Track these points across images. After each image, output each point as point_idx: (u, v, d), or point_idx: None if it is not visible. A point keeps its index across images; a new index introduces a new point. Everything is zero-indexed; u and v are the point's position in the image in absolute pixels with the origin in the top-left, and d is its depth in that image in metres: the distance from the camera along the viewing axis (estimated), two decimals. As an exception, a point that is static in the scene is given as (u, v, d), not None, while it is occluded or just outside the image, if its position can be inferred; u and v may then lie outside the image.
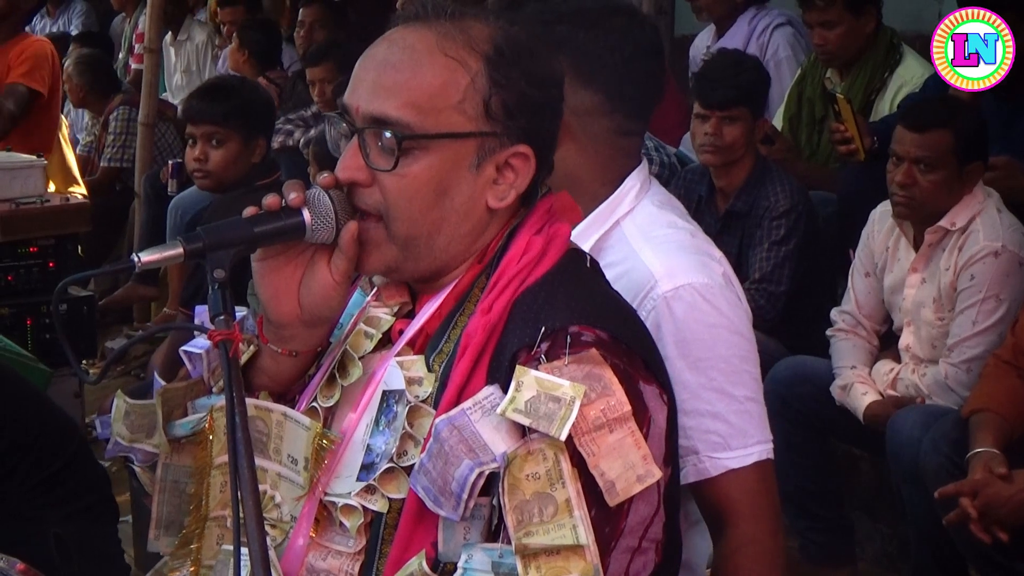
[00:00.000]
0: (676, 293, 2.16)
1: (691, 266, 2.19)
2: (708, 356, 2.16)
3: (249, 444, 1.65)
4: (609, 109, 2.26)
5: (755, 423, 2.19)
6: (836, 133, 4.96)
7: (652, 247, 2.22)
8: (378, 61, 1.83)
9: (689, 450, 2.15)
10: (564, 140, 2.21)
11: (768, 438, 2.20)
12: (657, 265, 2.19)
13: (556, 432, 1.65)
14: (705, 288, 2.17)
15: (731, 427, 2.15)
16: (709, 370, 2.15)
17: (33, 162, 5.17)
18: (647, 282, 2.18)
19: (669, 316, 2.15)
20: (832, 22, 5.25)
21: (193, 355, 1.99)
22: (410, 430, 1.80)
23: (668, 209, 2.32)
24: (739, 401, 2.17)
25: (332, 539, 1.85)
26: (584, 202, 2.26)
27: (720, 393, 2.16)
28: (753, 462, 2.16)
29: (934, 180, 4.09)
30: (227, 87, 4.86)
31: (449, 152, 1.81)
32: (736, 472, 2.15)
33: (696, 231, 2.32)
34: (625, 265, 2.21)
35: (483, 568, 1.68)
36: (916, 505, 3.94)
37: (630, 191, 2.29)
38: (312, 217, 1.80)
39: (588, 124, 2.25)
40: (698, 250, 2.25)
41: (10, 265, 4.93)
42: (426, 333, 1.87)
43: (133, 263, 1.73)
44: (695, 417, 2.14)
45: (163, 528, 2.00)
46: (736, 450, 2.15)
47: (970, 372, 4.02)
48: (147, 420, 1.98)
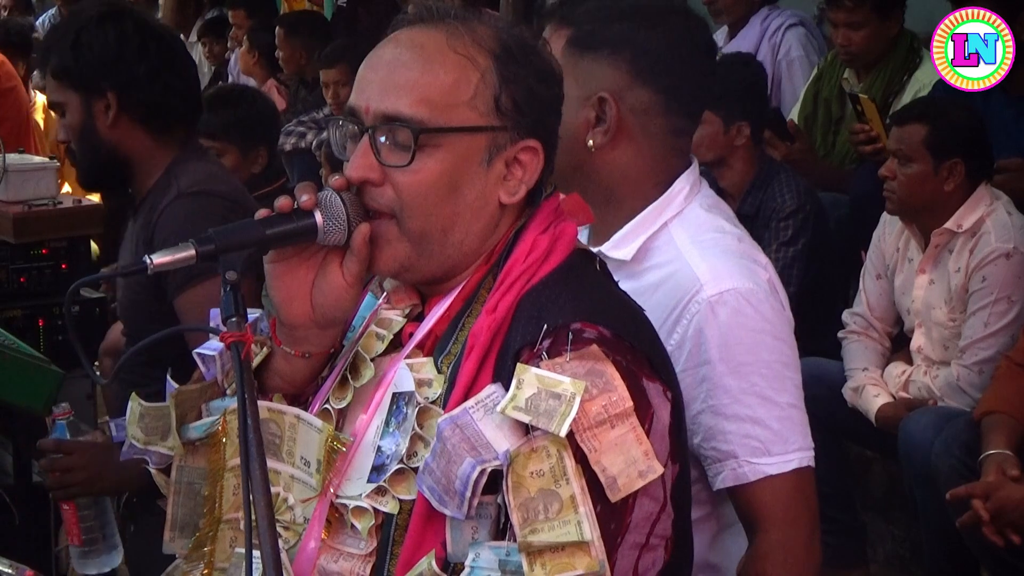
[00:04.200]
0: (721, 298, 2.16)
1: (737, 271, 2.19)
2: (751, 361, 2.16)
3: (261, 446, 1.66)
4: (666, 108, 2.25)
5: (796, 429, 2.18)
6: (860, 133, 4.95)
7: (699, 251, 2.22)
8: (387, 61, 1.84)
9: (728, 454, 2.15)
10: (620, 140, 2.24)
11: (809, 445, 2.20)
12: (703, 269, 2.19)
13: (556, 429, 1.65)
14: (750, 293, 2.17)
15: (772, 433, 2.15)
16: (751, 375, 2.15)
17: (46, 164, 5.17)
18: (692, 286, 2.18)
19: (713, 320, 2.15)
20: (858, 23, 5.24)
21: (207, 357, 1.99)
22: (420, 431, 1.81)
23: (716, 213, 2.32)
24: (781, 407, 2.17)
25: (343, 541, 1.85)
26: (634, 202, 2.27)
27: (762, 398, 2.16)
28: (792, 469, 2.15)
29: (908, 173, 4.12)
30: (223, 99, 4.84)
31: (461, 147, 1.82)
32: (774, 478, 2.14)
33: (743, 236, 2.32)
34: (671, 268, 2.22)
35: (490, 566, 1.68)
36: (928, 507, 3.94)
37: (680, 193, 2.28)
38: (324, 219, 1.80)
39: (646, 123, 2.25)
40: (744, 255, 2.25)
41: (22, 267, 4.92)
42: (435, 335, 1.87)
43: (145, 265, 1.73)
44: (736, 422, 2.14)
45: (178, 530, 2.00)
46: (776, 456, 2.15)
47: (982, 374, 4.02)
48: (161, 422, 1.98)
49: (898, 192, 4.16)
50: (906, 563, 4.58)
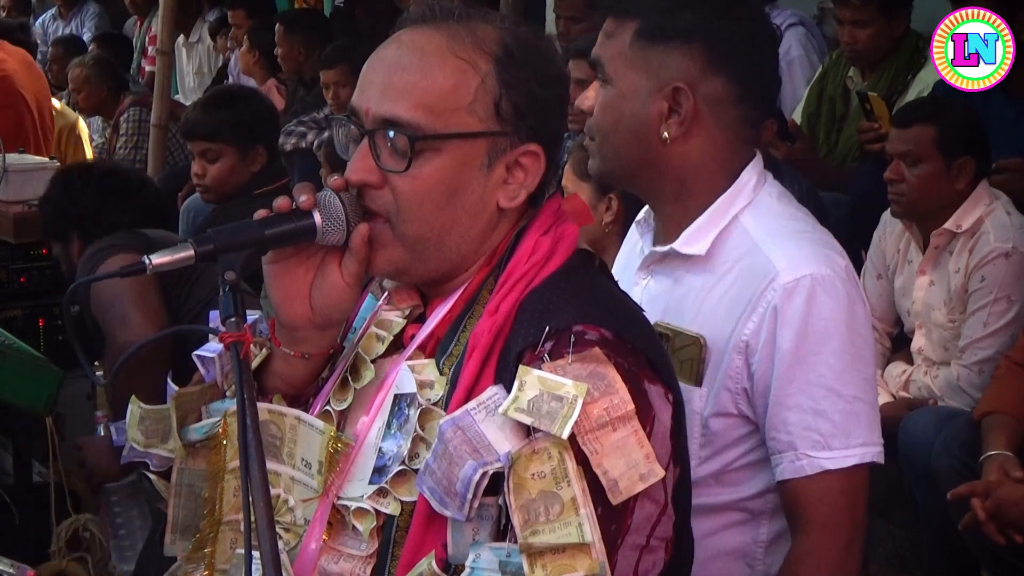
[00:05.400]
0: (797, 284, 2.13)
1: (814, 258, 2.17)
2: (819, 351, 2.13)
3: (260, 448, 1.65)
4: (739, 97, 2.23)
5: (861, 424, 2.15)
6: (868, 132, 4.94)
7: (773, 239, 2.20)
8: (387, 63, 1.84)
9: (788, 445, 2.13)
10: (694, 131, 2.21)
11: (875, 441, 2.17)
12: (779, 256, 2.17)
13: (558, 431, 1.65)
14: (827, 280, 2.15)
15: (834, 426, 2.12)
16: (818, 365, 2.13)
17: (46, 164, 5.18)
18: (769, 273, 2.15)
19: (788, 306, 2.13)
20: (864, 21, 5.23)
21: (206, 359, 1.99)
22: (422, 433, 1.81)
23: (787, 201, 2.30)
24: (846, 400, 2.14)
25: (344, 542, 1.85)
26: (705, 196, 2.24)
27: (827, 390, 2.13)
28: (852, 464, 2.13)
29: (919, 174, 4.11)
30: (219, 101, 4.85)
31: (460, 153, 1.81)
32: (829, 475, 2.12)
33: (817, 224, 2.29)
34: (746, 258, 2.19)
35: (491, 567, 1.68)
36: (928, 507, 3.94)
37: (748, 183, 2.27)
38: (323, 219, 1.80)
39: (720, 113, 2.23)
40: (821, 242, 2.23)
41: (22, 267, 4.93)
42: (436, 337, 1.87)
43: (144, 265, 1.73)
44: (798, 412, 2.12)
45: (179, 532, 2.00)
46: (836, 451, 2.12)
47: (982, 374, 4.01)
48: (162, 425, 1.98)
49: (908, 194, 4.13)
50: (906, 563, 4.58)
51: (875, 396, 2.20)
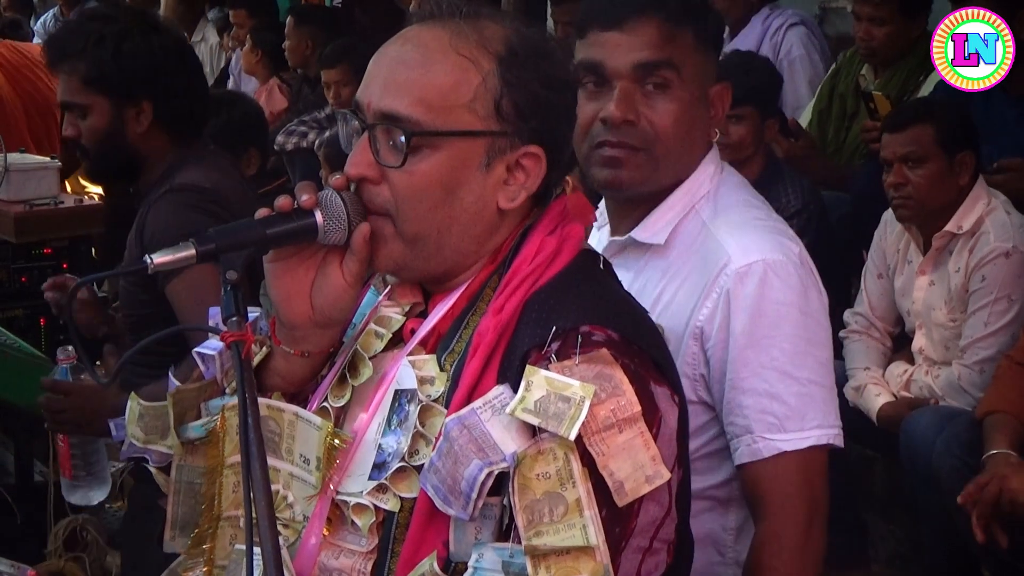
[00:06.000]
0: (749, 269, 2.16)
1: (766, 243, 2.20)
2: (772, 335, 2.14)
3: (261, 444, 1.65)
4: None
5: (816, 407, 2.16)
6: (872, 131, 4.94)
7: (728, 227, 2.23)
8: (391, 58, 1.83)
9: (744, 429, 2.14)
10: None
11: (832, 423, 2.17)
12: (732, 243, 2.19)
13: (565, 432, 1.65)
14: (779, 265, 2.17)
15: (789, 409, 2.13)
16: (771, 348, 2.14)
17: (47, 163, 5.18)
18: (721, 259, 2.18)
19: (740, 291, 2.15)
20: (882, 19, 5.23)
21: (206, 356, 1.99)
22: (422, 429, 1.80)
23: (743, 190, 2.33)
24: (801, 383, 2.15)
25: (344, 538, 1.85)
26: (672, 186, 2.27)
27: (781, 373, 2.14)
28: (808, 446, 2.13)
29: (924, 175, 4.10)
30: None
31: (458, 151, 1.81)
32: (785, 457, 2.12)
33: (772, 212, 2.32)
34: (702, 248, 2.22)
35: (494, 568, 1.68)
36: (930, 507, 3.94)
37: (705, 173, 2.30)
38: (324, 218, 1.80)
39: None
40: (774, 229, 2.26)
41: (24, 266, 4.94)
42: (438, 333, 1.87)
43: (146, 264, 1.73)
44: (753, 396, 2.13)
45: (179, 529, 2.00)
46: (791, 432, 2.13)
47: (983, 373, 4.01)
48: (161, 422, 1.98)
49: (915, 196, 4.12)
50: (907, 562, 4.58)
51: (832, 380, 2.21)
